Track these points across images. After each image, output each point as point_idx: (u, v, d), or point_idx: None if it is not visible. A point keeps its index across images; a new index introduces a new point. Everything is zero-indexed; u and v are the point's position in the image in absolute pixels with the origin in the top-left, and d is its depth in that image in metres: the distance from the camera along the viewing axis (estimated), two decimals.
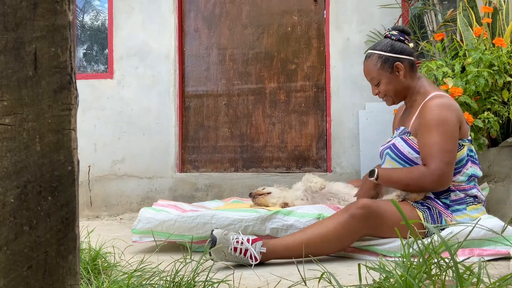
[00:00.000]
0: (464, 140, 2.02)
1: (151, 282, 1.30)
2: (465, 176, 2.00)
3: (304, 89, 3.62)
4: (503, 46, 2.49)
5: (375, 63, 2.14)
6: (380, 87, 2.15)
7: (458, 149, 1.98)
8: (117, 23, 3.80)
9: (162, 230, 2.17)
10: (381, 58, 2.13)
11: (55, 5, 0.77)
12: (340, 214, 1.88)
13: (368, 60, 2.18)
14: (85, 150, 3.71)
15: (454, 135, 1.95)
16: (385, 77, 2.13)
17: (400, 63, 2.11)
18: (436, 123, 1.94)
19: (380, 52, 2.14)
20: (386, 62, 2.12)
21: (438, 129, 1.93)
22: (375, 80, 2.16)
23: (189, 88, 3.78)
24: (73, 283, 0.77)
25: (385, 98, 2.19)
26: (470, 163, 2.02)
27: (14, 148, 0.74)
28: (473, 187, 2.01)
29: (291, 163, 3.62)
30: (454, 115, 1.95)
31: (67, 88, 0.78)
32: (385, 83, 2.13)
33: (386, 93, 2.16)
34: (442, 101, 1.98)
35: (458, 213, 1.96)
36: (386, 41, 2.16)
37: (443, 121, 1.93)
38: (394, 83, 2.13)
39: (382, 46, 2.15)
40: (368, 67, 2.17)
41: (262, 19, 3.70)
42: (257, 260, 1.79)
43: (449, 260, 1.00)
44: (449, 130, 1.93)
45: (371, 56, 2.16)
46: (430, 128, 1.96)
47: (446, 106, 1.96)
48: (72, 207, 0.77)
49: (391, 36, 2.17)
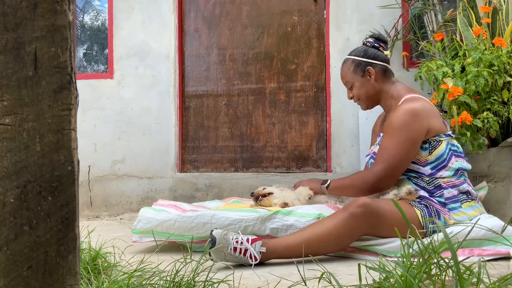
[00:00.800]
0: (441, 136, 2.05)
1: (151, 282, 1.30)
2: (451, 171, 2.02)
3: (304, 89, 3.62)
4: (503, 46, 2.49)
5: (349, 67, 2.26)
6: (353, 90, 2.26)
7: (435, 145, 2.03)
8: (117, 23, 3.80)
9: (162, 230, 2.17)
10: (354, 62, 2.25)
11: (55, 5, 0.77)
12: (339, 213, 1.89)
13: (343, 65, 2.30)
14: (85, 150, 3.71)
15: (412, 142, 2.00)
16: (357, 80, 2.23)
17: (372, 67, 2.21)
18: (394, 128, 2.02)
19: (354, 57, 2.26)
20: (359, 66, 2.23)
21: (396, 135, 2.01)
22: (349, 83, 2.27)
23: (189, 88, 3.78)
24: (73, 283, 0.77)
25: (359, 102, 2.29)
26: (454, 157, 2.05)
27: (14, 148, 0.74)
28: (463, 182, 2.03)
29: (291, 163, 3.62)
30: (419, 121, 2.00)
31: (67, 88, 0.78)
32: (357, 86, 2.24)
33: (359, 97, 2.26)
34: (409, 106, 2.03)
35: (454, 211, 1.98)
36: (360, 47, 2.30)
37: (403, 127, 2.00)
38: (366, 87, 2.23)
39: (356, 52, 2.28)
40: (343, 71, 2.29)
41: (262, 19, 3.70)
42: (257, 260, 1.79)
43: (449, 260, 1.00)
44: (407, 137, 1.99)
45: (346, 61, 2.28)
46: (388, 132, 2.05)
47: (411, 112, 2.01)
48: (72, 207, 0.77)
49: (367, 43, 2.30)
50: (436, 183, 2.01)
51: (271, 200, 2.34)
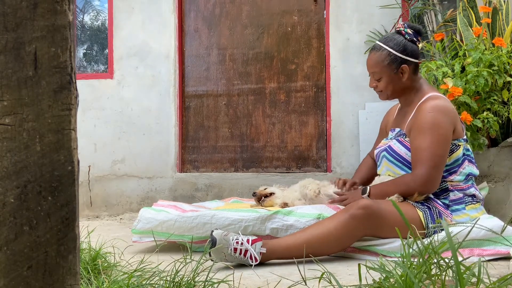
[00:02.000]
0: (460, 140, 2.02)
1: (151, 282, 1.30)
2: (462, 176, 2.00)
3: (304, 89, 3.62)
4: (503, 46, 2.49)
5: (383, 59, 2.08)
6: (380, 83, 2.12)
7: (454, 149, 1.99)
8: (117, 23, 3.79)
9: (162, 230, 2.17)
10: (390, 56, 2.07)
11: (55, 5, 0.77)
12: (340, 215, 1.88)
13: (376, 53, 2.10)
14: (85, 150, 3.71)
15: (446, 140, 1.94)
16: (388, 75, 2.09)
17: (407, 66, 2.07)
18: (428, 127, 1.94)
19: (391, 50, 2.07)
20: (394, 61, 2.07)
21: (430, 133, 1.93)
22: (377, 74, 2.11)
23: (189, 88, 3.78)
24: (73, 283, 0.77)
25: (381, 93, 2.17)
26: (467, 162, 2.03)
27: (14, 148, 0.74)
28: (471, 186, 2.02)
29: (291, 163, 3.62)
30: (448, 118, 1.95)
31: (67, 88, 0.78)
32: (386, 81, 2.10)
33: (384, 90, 2.13)
34: (437, 104, 1.97)
35: (458, 212, 1.97)
36: (399, 39, 2.09)
37: (435, 125, 1.93)
38: (394, 83, 2.10)
39: (395, 44, 2.07)
40: (375, 60, 2.10)
41: (262, 19, 3.70)
42: (257, 261, 1.79)
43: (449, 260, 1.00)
44: (441, 134, 1.93)
45: (380, 49, 2.09)
46: (422, 132, 1.96)
47: (440, 109, 1.96)
48: (72, 207, 0.77)
49: (405, 34, 2.09)
50: (444, 186, 2.00)
51: (273, 200, 2.33)
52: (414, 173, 1.94)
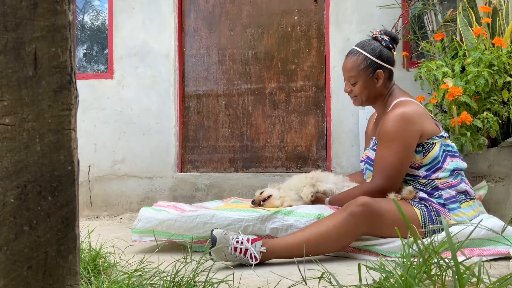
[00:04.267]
0: (434, 138, 2.03)
1: (151, 282, 1.30)
2: (447, 172, 2.01)
3: (304, 89, 3.62)
4: (503, 46, 2.49)
5: (359, 63, 2.12)
6: (355, 87, 2.15)
7: (429, 148, 2.01)
8: (117, 23, 3.79)
9: (162, 229, 2.17)
10: (367, 61, 2.11)
11: (55, 5, 0.77)
12: (339, 213, 1.89)
13: (352, 57, 2.14)
14: (85, 150, 3.71)
15: (405, 149, 1.97)
16: (363, 80, 2.12)
17: (382, 71, 2.11)
18: (387, 138, 1.98)
19: (368, 54, 2.12)
20: (370, 66, 2.11)
21: (388, 144, 1.97)
22: (352, 79, 2.14)
23: (189, 88, 3.78)
24: (73, 283, 0.77)
25: (355, 98, 2.19)
26: (449, 158, 2.03)
27: (14, 148, 0.74)
28: (460, 182, 2.02)
29: (291, 163, 3.62)
30: (410, 126, 1.96)
31: (67, 88, 0.78)
32: (361, 86, 2.13)
33: (358, 95, 2.16)
34: (400, 112, 1.99)
35: (454, 211, 1.97)
36: (376, 45, 2.14)
37: (393, 135, 1.96)
38: (369, 89, 2.14)
39: (371, 49, 2.12)
40: (351, 65, 2.14)
41: (262, 19, 3.70)
42: (257, 260, 1.79)
43: (449, 260, 1.00)
44: (402, 143, 1.96)
45: (357, 54, 2.14)
46: (381, 141, 2.02)
47: (402, 117, 1.97)
48: (72, 207, 0.77)
49: (381, 40, 2.15)
50: (433, 185, 2.01)
51: (273, 202, 2.33)
52: (372, 182, 2.02)
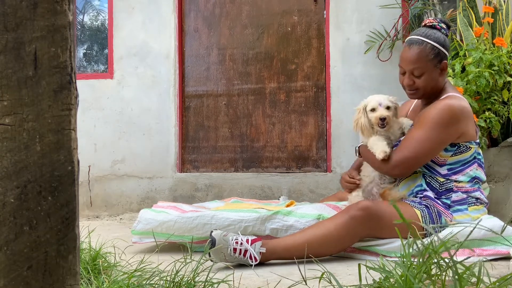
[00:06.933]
0: (471, 143, 1.97)
1: (151, 282, 1.30)
2: (467, 177, 1.97)
3: (304, 89, 3.62)
4: (503, 46, 2.49)
5: (427, 53, 1.92)
6: (420, 79, 1.94)
7: (463, 150, 1.95)
8: (117, 23, 3.79)
9: (162, 231, 2.17)
10: (435, 50, 1.92)
11: (55, 5, 0.76)
12: (340, 216, 1.88)
13: (419, 48, 1.93)
14: (85, 150, 3.71)
15: (442, 141, 1.90)
16: (430, 71, 1.93)
17: (446, 62, 1.96)
18: (429, 122, 1.90)
19: (435, 44, 1.93)
20: (438, 56, 1.93)
21: (428, 128, 1.89)
22: (418, 70, 1.93)
23: (189, 88, 3.78)
24: (73, 283, 0.77)
25: (415, 92, 1.99)
26: (476, 165, 1.99)
27: (14, 148, 0.74)
28: (476, 190, 1.98)
29: (291, 163, 3.62)
30: (454, 120, 1.89)
31: (67, 88, 0.78)
32: (427, 77, 1.94)
33: (422, 88, 1.96)
34: (450, 103, 1.91)
35: (459, 213, 1.95)
36: (438, 34, 1.96)
37: (437, 123, 1.89)
38: (435, 81, 1.96)
39: (436, 38, 1.94)
40: (417, 55, 1.92)
41: (262, 19, 3.70)
42: (256, 261, 1.79)
43: (449, 260, 1.00)
44: (438, 135, 1.89)
45: (423, 44, 1.93)
46: (421, 123, 1.93)
47: (450, 109, 1.89)
48: (72, 207, 0.77)
49: (441, 29, 1.97)
50: (449, 186, 1.96)
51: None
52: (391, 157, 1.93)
